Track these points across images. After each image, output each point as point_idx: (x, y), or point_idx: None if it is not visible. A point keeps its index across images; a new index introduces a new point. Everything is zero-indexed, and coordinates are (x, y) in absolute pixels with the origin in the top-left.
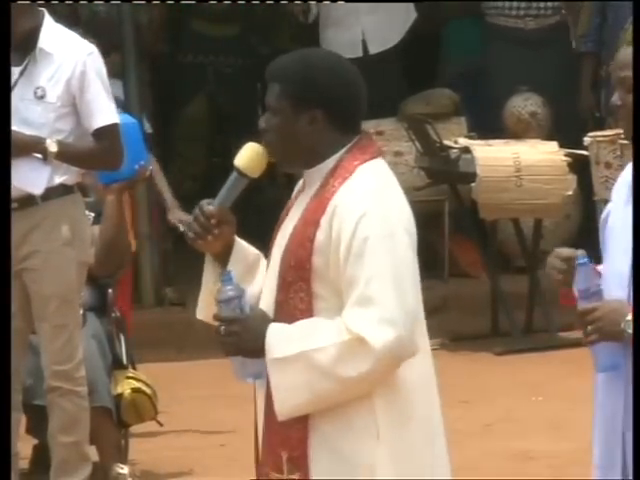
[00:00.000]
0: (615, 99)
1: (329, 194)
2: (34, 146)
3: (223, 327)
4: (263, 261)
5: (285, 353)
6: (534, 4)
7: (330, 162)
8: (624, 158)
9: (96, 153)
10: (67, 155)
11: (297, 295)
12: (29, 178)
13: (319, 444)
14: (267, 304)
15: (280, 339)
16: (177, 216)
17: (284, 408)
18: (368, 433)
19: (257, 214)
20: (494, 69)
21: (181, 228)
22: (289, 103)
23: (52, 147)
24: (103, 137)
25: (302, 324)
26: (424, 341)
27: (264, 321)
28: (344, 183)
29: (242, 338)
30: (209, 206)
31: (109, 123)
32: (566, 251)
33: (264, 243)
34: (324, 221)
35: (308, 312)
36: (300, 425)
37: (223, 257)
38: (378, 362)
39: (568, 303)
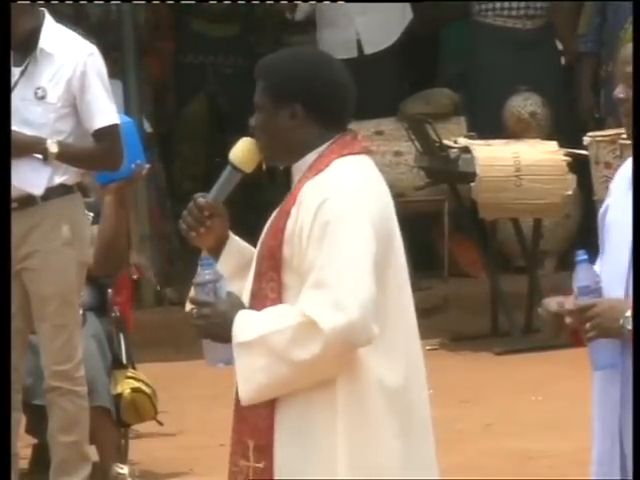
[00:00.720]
0: (619, 92)
1: (302, 185)
2: (35, 147)
3: (195, 310)
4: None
5: (248, 337)
6: (531, 4)
7: (310, 157)
8: (624, 158)
9: (96, 154)
10: (67, 156)
11: (268, 285)
12: (29, 178)
13: (284, 434)
14: (246, 297)
15: (245, 324)
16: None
17: (246, 393)
18: (329, 424)
19: (257, 214)
20: (492, 70)
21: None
22: (270, 99)
23: (52, 148)
24: (103, 138)
25: (268, 310)
26: (394, 319)
27: (235, 307)
28: (318, 174)
29: (212, 322)
30: (200, 199)
31: (109, 124)
32: (553, 304)
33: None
34: (293, 211)
35: (278, 301)
36: (266, 414)
37: (217, 251)
38: (328, 346)
39: (578, 345)
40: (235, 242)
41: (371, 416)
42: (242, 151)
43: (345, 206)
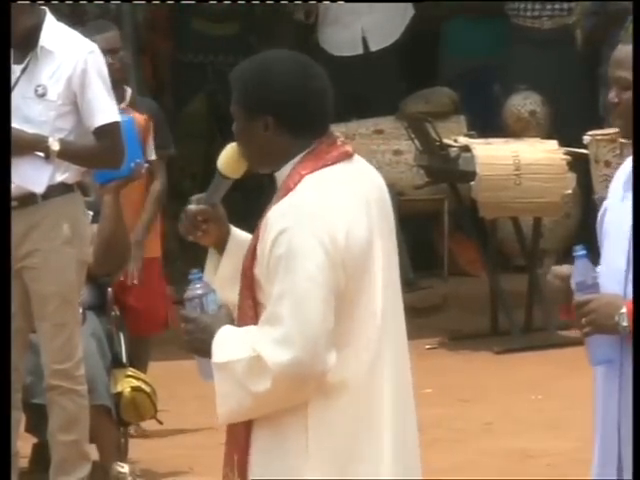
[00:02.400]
0: (612, 97)
1: (272, 206)
2: (36, 144)
3: (182, 325)
4: None
5: (222, 359)
6: (547, 5)
7: (287, 168)
8: (623, 157)
9: (97, 152)
10: (69, 153)
11: (246, 302)
12: (31, 176)
13: (258, 453)
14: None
15: (222, 343)
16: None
17: (220, 414)
18: (299, 447)
19: (257, 214)
20: (511, 68)
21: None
22: (242, 110)
23: (54, 145)
24: (104, 135)
25: (242, 331)
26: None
27: (219, 322)
28: (287, 195)
29: (195, 337)
30: (191, 207)
31: (110, 121)
32: (565, 269)
33: None
34: (262, 234)
35: (254, 319)
36: (245, 432)
37: (219, 247)
38: (276, 381)
39: (568, 318)
40: (237, 239)
41: (347, 440)
42: (226, 158)
43: (299, 239)
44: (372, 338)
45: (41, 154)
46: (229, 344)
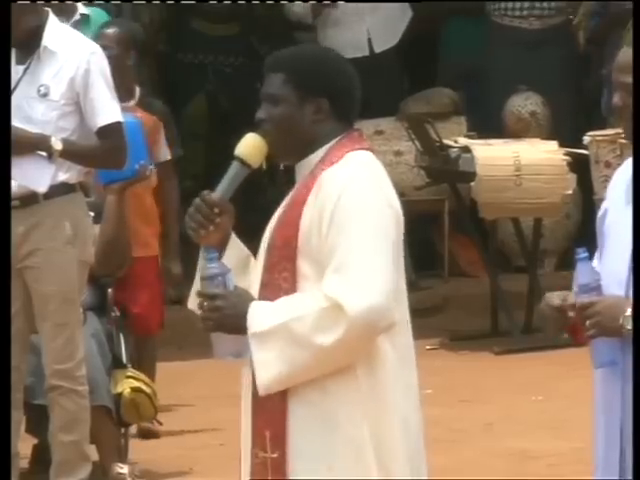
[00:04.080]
0: (616, 101)
1: (316, 176)
2: (39, 144)
3: (206, 303)
4: (252, 261)
5: (264, 327)
6: (537, 4)
7: (320, 152)
8: (624, 157)
9: (100, 151)
10: (72, 153)
11: (281, 275)
12: (33, 175)
13: (298, 424)
14: (255, 289)
15: (260, 314)
16: (170, 265)
17: (265, 382)
18: (352, 409)
19: (257, 214)
20: (497, 69)
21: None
22: (295, 92)
23: (57, 145)
24: (107, 135)
25: (283, 299)
26: (403, 312)
27: (247, 298)
28: (332, 165)
29: (225, 314)
30: (210, 197)
31: (113, 121)
32: (556, 298)
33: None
34: (310, 198)
35: (292, 291)
36: (280, 404)
37: (219, 248)
38: (352, 329)
39: (574, 335)
40: (236, 241)
41: (394, 400)
42: (249, 146)
43: (367, 193)
44: (404, 313)
45: (44, 153)
46: (273, 312)
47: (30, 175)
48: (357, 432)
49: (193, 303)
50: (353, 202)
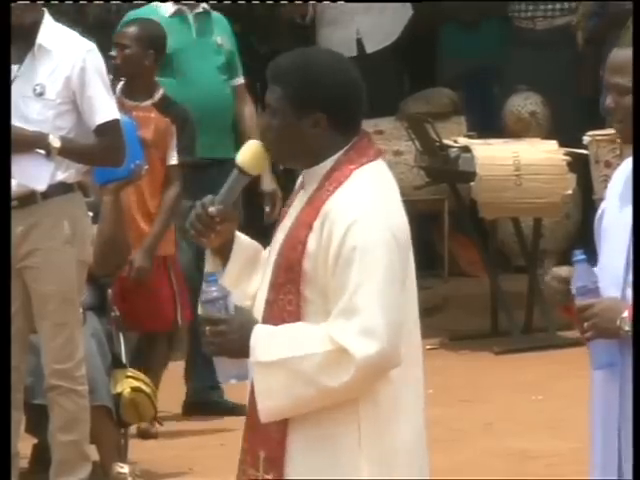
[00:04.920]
0: (609, 102)
1: (323, 198)
2: (37, 142)
3: (208, 327)
4: (264, 253)
5: (270, 357)
6: (540, 5)
7: (328, 163)
8: (623, 157)
9: (99, 149)
10: (70, 151)
11: (286, 297)
12: (32, 174)
13: (297, 447)
14: (261, 302)
15: (265, 342)
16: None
17: (265, 411)
18: (350, 439)
19: (259, 214)
20: (508, 68)
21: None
22: (291, 106)
23: (55, 142)
24: (105, 133)
25: (288, 328)
26: (414, 344)
27: (249, 322)
28: (339, 187)
29: (228, 338)
30: (212, 208)
31: (110, 119)
32: (564, 271)
33: (266, 242)
34: (316, 225)
35: (296, 314)
36: (280, 427)
37: (223, 252)
38: (359, 373)
39: (568, 316)
40: (240, 241)
41: (396, 432)
42: (249, 155)
43: (373, 230)
44: (412, 331)
45: (42, 152)
46: (277, 342)
47: (28, 173)
48: (354, 461)
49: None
50: (360, 240)
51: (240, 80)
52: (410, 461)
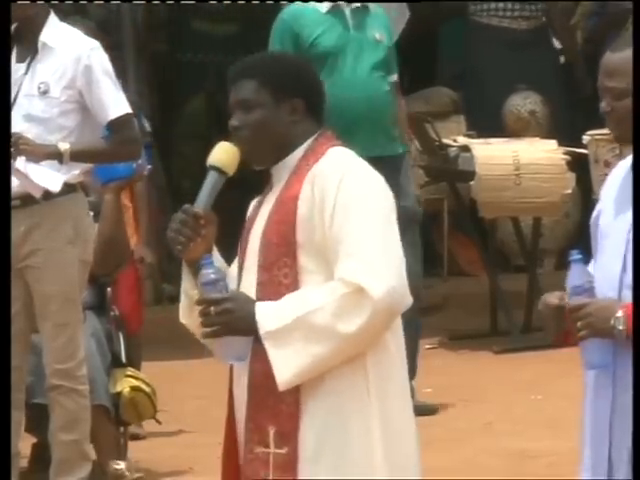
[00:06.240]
0: (604, 106)
1: (304, 172)
2: (48, 154)
3: (213, 308)
4: (232, 267)
5: (280, 323)
6: (526, 5)
7: (299, 152)
8: (623, 157)
9: (114, 145)
10: (82, 154)
11: (281, 271)
12: (45, 176)
13: (310, 418)
14: (247, 292)
15: (271, 313)
16: (142, 252)
17: (285, 377)
18: (360, 404)
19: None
20: (488, 70)
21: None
22: (270, 95)
23: (64, 146)
24: (118, 128)
25: (290, 296)
26: None
27: (249, 298)
28: (317, 161)
29: (235, 316)
30: (198, 209)
31: (122, 114)
32: (555, 299)
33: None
34: (303, 194)
35: (293, 286)
36: (291, 399)
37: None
38: (376, 311)
39: (561, 339)
40: (216, 253)
41: (396, 391)
42: (224, 154)
43: (365, 178)
44: None
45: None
46: (283, 309)
47: (43, 175)
48: (367, 428)
49: (186, 316)
50: (354, 188)
51: (394, 77)
52: (410, 414)
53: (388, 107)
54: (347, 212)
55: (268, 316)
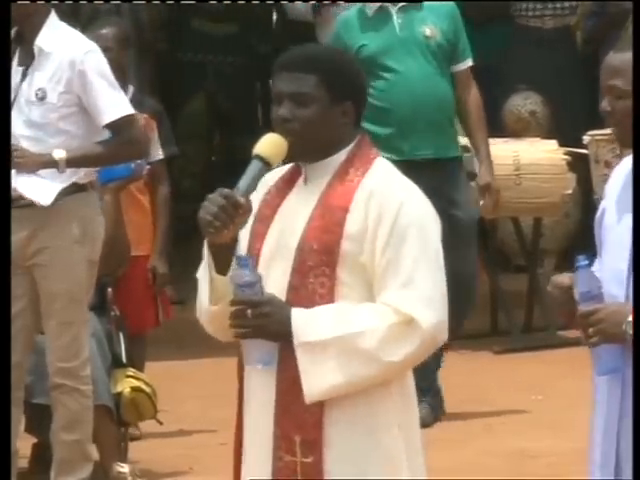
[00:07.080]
0: (605, 105)
1: (353, 182)
2: (43, 163)
3: (250, 310)
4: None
5: (319, 337)
6: (549, 4)
7: (342, 154)
8: (623, 157)
9: (115, 147)
10: (80, 159)
11: (317, 280)
12: (37, 189)
13: (335, 428)
14: (274, 290)
15: (310, 323)
16: (155, 262)
17: (315, 391)
18: (386, 417)
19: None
20: (516, 67)
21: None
22: (328, 94)
23: (59, 154)
24: (118, 130)
25: (329, 308)
26: None
27: (285, 305)
28: (367, 172)
29: (271, 319)
30: (241, 197)
31: (120, 116)
32: (564, 279)
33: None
34: (355, 207)
35: (328, 297)
36: (316, 409)
37: (228, 248)
38: (423, 344)
39: (569, 322)
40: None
41: (414, 397)
42: (271, 145)
43: (422, 209)
44: None
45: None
46: (324, 321)
47: (34, 188)
48: (392, 439)
49: (211, 302)
50: (412, 217)
51: (461, 66)
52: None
53: (446, 104)
54: (403, 241)
55: (305, 326)
